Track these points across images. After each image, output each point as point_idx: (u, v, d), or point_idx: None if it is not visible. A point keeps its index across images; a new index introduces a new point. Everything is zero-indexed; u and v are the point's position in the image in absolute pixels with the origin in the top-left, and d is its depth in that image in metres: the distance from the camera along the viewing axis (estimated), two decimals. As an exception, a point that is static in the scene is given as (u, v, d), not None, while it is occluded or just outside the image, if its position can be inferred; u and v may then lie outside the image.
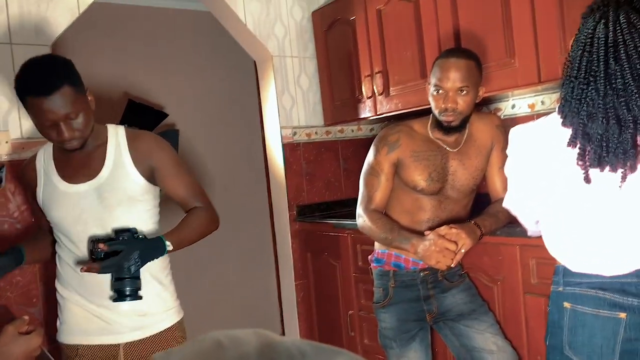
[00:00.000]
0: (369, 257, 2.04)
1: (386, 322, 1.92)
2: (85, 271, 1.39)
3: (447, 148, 1.88)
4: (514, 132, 1.41)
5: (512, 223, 1.76)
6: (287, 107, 2.96)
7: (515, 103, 2.45)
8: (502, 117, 2.48)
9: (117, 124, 1.66)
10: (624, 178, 1.17)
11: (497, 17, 2.08)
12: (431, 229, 1.82)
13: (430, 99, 1.83)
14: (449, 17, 2.26)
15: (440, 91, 1.77)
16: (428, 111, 1.96)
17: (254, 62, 3.10)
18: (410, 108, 2.51)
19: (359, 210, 1.93)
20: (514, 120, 2.43)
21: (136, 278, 1.42)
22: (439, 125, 1.84)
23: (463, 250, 1.71)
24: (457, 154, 1.89)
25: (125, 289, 1.42)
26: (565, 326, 1.31)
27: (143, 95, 3.35)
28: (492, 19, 2.09)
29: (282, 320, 3.72)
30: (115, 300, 1.44)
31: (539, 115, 2.34)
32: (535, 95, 2.37)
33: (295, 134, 2.98)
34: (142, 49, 3.40)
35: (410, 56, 2.48)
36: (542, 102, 2.36)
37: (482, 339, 1.82)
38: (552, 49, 1.90)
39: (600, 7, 1.20)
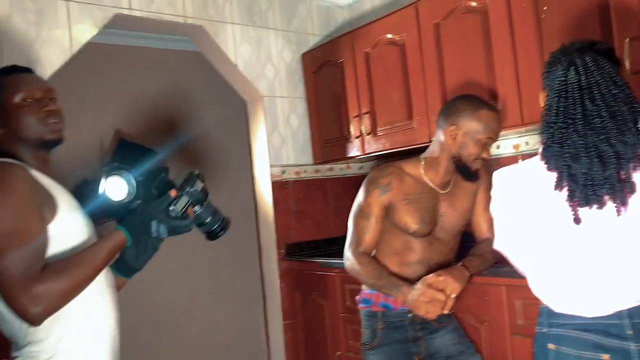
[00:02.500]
0: (357, 297, 2.04)
1: (374, 364, 1.90)
2: None
3: (437, 190, 1.91)
4: (498, 175, 1.44)
5: (498, 263, 1.78)
6: (277, 145, 3.00)
7: (500, 144, 2.51)
8: (487, 157, 2.53)
9: (107, 160, 1.67)
10: (618, 212, 1.18)
11: (480, 63, 2.14)
12: (420, 271, 1.83)
13: (470, 144, 1.82)
14: (434, 61, 2.33)
15: (490, 141, 1.84)
16: (414, 151, 2.00)
17: (245, 101, 3.15)
18: (397, 148, 2.55)
19: (347, 252, 1.93)
20: (499, 161, 2.47)
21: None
22: (464, 171, 1.86)
23: (453, 296, 1.72)
24: (446, 196, 1.91)
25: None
26: None
27: (133, 133, 3.37)
28: (476, 64, 2.16)
29: (269, 361, 3.65)
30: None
31: (524, 156, 2.39)
32: (519, 137, 2.43)
33: (284, 172, 3.01)
34: (134, 87, 3.44)
35: (397, 97, 2.53)
36: (527, 143, 2.41)
37: (470, 381, 1.81)
38: (534, 92, 1.95)
39: (565, 56, 1.26)
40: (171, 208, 1.34)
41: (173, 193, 1.35)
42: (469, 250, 1.91)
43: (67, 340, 1.25)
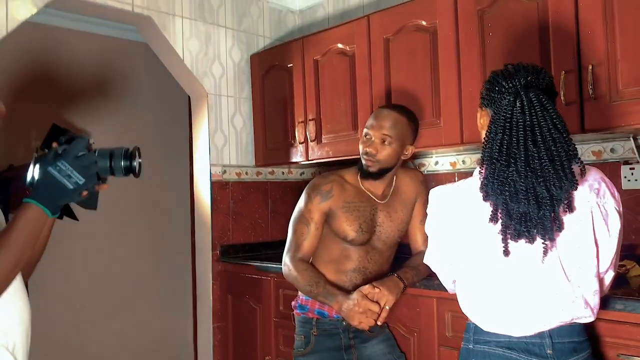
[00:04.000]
0: (293, 303, 2.03)
1: (305, 370, 1.90)
2: None
3: (376, 200, 1.94)
4: (434, 193, 1.47)
5: (430, 276, 1.83)
6: (219, 145, 2.95)
7: (439, 160, 2.59)
8: (425, 172, 2.61)
9: (39, 146, 1.56)
10: (545, 252, 1.25)
11: (426, 80, 2.21)
12: (356, 279, 1.86)
13: (360, 143, 1.92)
14: (382, 75, 2.37)
15: (367, 136, 1.87)
16: (356, 161, 2.03)
17: (189, 98, 3.08)
18: (340, 156, 2.58)
19: (285, 258, 1.93)
20: (436, 177, 2.56)
21: None
22: (362, 170, 1.91)
23: (387, 307, 1.75)
24: (384, 206, 1.95)
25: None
26: None
27: (69, 119, 3.22)
28: (422, 81, 2.22)
29: (195, 364, 3.57)
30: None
31: (460, 173, 2.48)
32: (457, 155, 2.52)
33: (225, 172, 2.96)
34: (73, 73, 3.28)
35: (343, 107, 2.56)
36: (464, 162, 2.50)
37: (398, 390, 1.85)
38: (475, 114, 2.04)
39: (510, 88, 1.29)
40: (60, 151, 1.19)
41: (55, 144, 1.22)
42: (404, 262, 1.96)
43: None
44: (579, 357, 1.30)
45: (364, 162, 1.88)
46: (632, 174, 1.97)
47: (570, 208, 1.24)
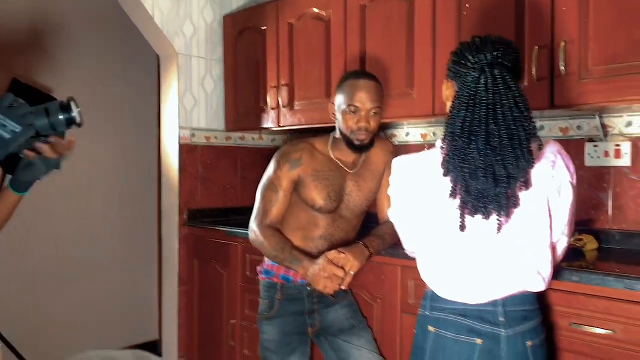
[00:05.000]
0: (258, 267, 2.04)
1: (268, 334, 1.92)
2: None
3: (345, 169, 1.94)
4: (397, 162, 1.49)
5: (396, 244, 1.86)
6: (188, 107, 2.89)
7: (410, 131, 2.60)
8: (395, 143, 2.62)
9: None
10: (499, 228, 1.28)
11: (401, 49, 2.20)
12: (322, 246, 1.87)
13: (340, 118, 1.85)
14: (357, 41, 2.35)
15: (354, 111, 1.81)
16: (328, 129, 2.02)
17: (157, 57, 2.99)
18: (312, 124, 2.56)
19: (252, 224, 1.92)
20: (407, 148, 2.57)
21: None
22: (349, 144, 1.86)
23: (352, 272, 1.77)
24: (353, 176, 1.95)
25: None
26: (427, 349, 1.39)
27: (29, 75, 3.09)
28: (397, 51, 2.21)
29: (160, 328, 3.57)
30: None
31: (430, 145, 2.49)
32: (428, 126, 2.53)
33: (193, 135, 2.91)
34: (35, 22, 3.13)
35: (317, 73, 2.53)
36: (434, 133, 2.52)
37: (359, 355, 1.89)
38: (446, 86, 2.05)
39: (476, 64, 1.29)
40: None
41: None
42: (371, 230, 1.98)
43: None
44: (529, 324, 1.35)
45: (358, 136, 1.83)
46: (595, 151, 2.02)
47: (526, 185, 1.27)
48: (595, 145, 2.03)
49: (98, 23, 3.39)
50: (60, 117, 1.20)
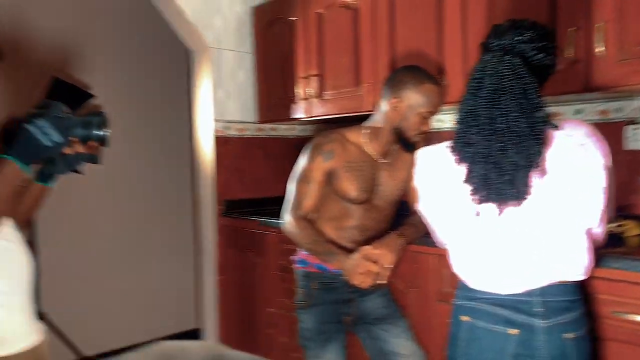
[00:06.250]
0: (293, 257, 2.07)
1: (306, 323, 1.95)
2: None
3: (378, 159, 1.94)
4: (420, 154, 1.48)
5: (430, 233, 1.85)
6: (221, 100, 2.93)
7: (443, 118, 2.57)
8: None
9: (42, 99, 1.55)
10: (501, 215, 1.26)
11: (431, 36, 2.17)
12: (355, 236, 1.88)
13: (411, 118, 1.83)
14: (386, 30, 2.33)
15: (429, 117, 1.85)
16: (359, 118, 2.01)
17: (186, 51, 3.03)
18: (343, 113, 2.56)
19: (287, 216, 1.94)
20: (440, 135, 2.55)
21: None
22: (404, 142, 1.87)
23: (388, 266, 1.77)
24: (386, 166, 1.95)
25: None
26: (462, 339, 1.38)
27: (66, 72, 3.18)
28: (427, 38, 2.18)
29: (197, 316, 3.66)
30: None
31: (463, 132, 2.47)
32: (460, 112, 2.49)
33: (227, 128, 2.95)
34: (71, 26, 3.22)
35: (346, 63, 2.53)
36: (466, 120, 2.48)
37: (396, 343, 1.90)
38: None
39: (491, 47, 1.28)
40: (39, 111, 1.24)
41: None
42: (405, 219, 1.97)
43: None
44: (569, 315, 1.31)
45: (415, 139, 1.86)
46: (635, 134, 1.96)
47: (541, 172, 1.24)
48: (635, 129, 1.97)
49: (130, 20, 3.46)
50: (96, 132, 1.31)
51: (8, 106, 1.72)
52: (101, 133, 1.32)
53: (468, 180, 1.29)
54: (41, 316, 1.81)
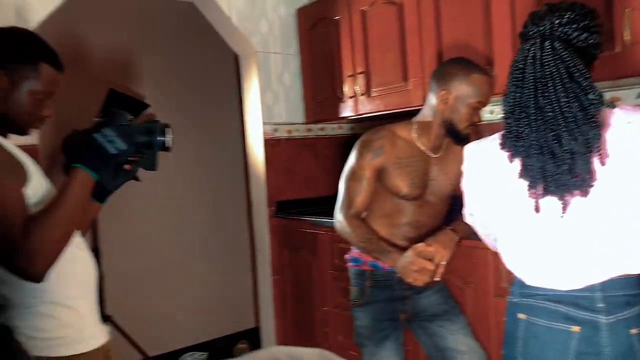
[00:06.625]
0: (346, 255, 2.07)
1: (361, 320, 1.95)
2: None
3: (429, 154, 1.92)
4: (468, 149, 1.44)
5: (485, 228, 1.82)
6: (269, 103, 2.97)
7: (493, 109, 2.51)
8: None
9: (98, 114, 1.62)
10: (564, 208, 1.21)
11: (478, 27, 2.12)
12: (408, 232, 1.87)
13: (462, 110, 1.81)
14: (431, 23, 2.30)
15: (480, 107, 1.82)
16: (408, 113, 2.00)
17: (235, 56, 3.10)
18: (391, 109, 2.55)
19: (338, 214, 1.95)
20: (491, 126, 2.48)
21: None
22: (455, 135, 1.85)
23: (443, 263, 1.75)
24: (437, 160, 1.92)
25: None
26: (519, 337, 1.33)
27: (121, 83, 3.31)
28: (474, 29, 2.14)
29: (256, 316, 3.74)
30: None
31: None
32: (512, 103, 2.43)
33: (276, 130, 3.00)
34: (121, 37, 3.35)
35: (392, 58, 2.51)
36: (519, 110, 2.41)
37: (453, 340, 1.88)
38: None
39: (531, 34, 1.24)
40: (104, 120, 1.31)
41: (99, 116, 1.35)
42: (457, 214, 1.94)
43: (54, 291, 1.27)
44: (633, 310, 1.24)
45: (466, 131, 1.84)
46: None
47: (601, 158, 1.18)
48: (703, 110, 1.85)
49: (179, 30, 3.56)
50: (159, 138, 1.36)
51: (68, 118, 1.82)
52: (164, 139, 1.37)
53: (523, 175, 1.25)
54: (107, 318, 1.91)
